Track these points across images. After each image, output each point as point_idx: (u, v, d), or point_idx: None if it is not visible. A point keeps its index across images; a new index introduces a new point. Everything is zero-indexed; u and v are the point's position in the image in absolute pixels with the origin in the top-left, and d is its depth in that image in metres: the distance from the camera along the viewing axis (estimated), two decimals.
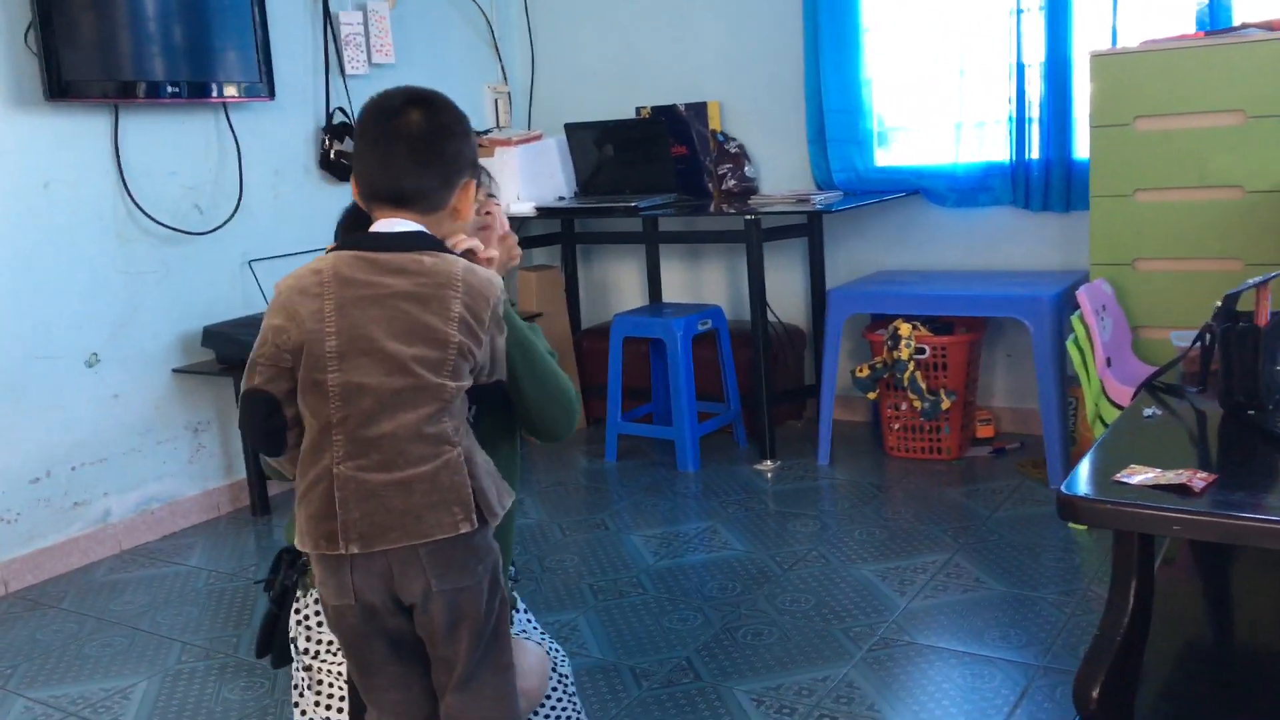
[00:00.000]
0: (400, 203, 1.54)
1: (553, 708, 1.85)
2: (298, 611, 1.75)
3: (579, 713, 1.90)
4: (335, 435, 1.45)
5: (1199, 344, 2.15)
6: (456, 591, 1.48)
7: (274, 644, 1.80)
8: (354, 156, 1.57)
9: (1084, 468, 1.82)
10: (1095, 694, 1.73)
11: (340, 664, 1.71)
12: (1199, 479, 1.66)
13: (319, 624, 1.72)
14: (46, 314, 3.22)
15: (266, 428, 1.51)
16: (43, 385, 3.22)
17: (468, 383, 1.50)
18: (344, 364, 1.45)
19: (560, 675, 1.88)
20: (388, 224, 1.54)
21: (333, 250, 1.53)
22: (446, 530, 1.44)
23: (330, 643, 1.72)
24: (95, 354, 3.34)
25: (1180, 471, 1.70)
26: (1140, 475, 1.72)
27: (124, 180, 3.37)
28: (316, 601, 1.72)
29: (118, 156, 3.35)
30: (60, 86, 3.10)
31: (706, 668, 2.44)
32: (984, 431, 3.88)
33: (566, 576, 3.01)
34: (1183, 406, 2.16)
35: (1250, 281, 2.07)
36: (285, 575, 1.77)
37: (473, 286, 1.50)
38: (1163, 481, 1.68)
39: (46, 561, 3.23)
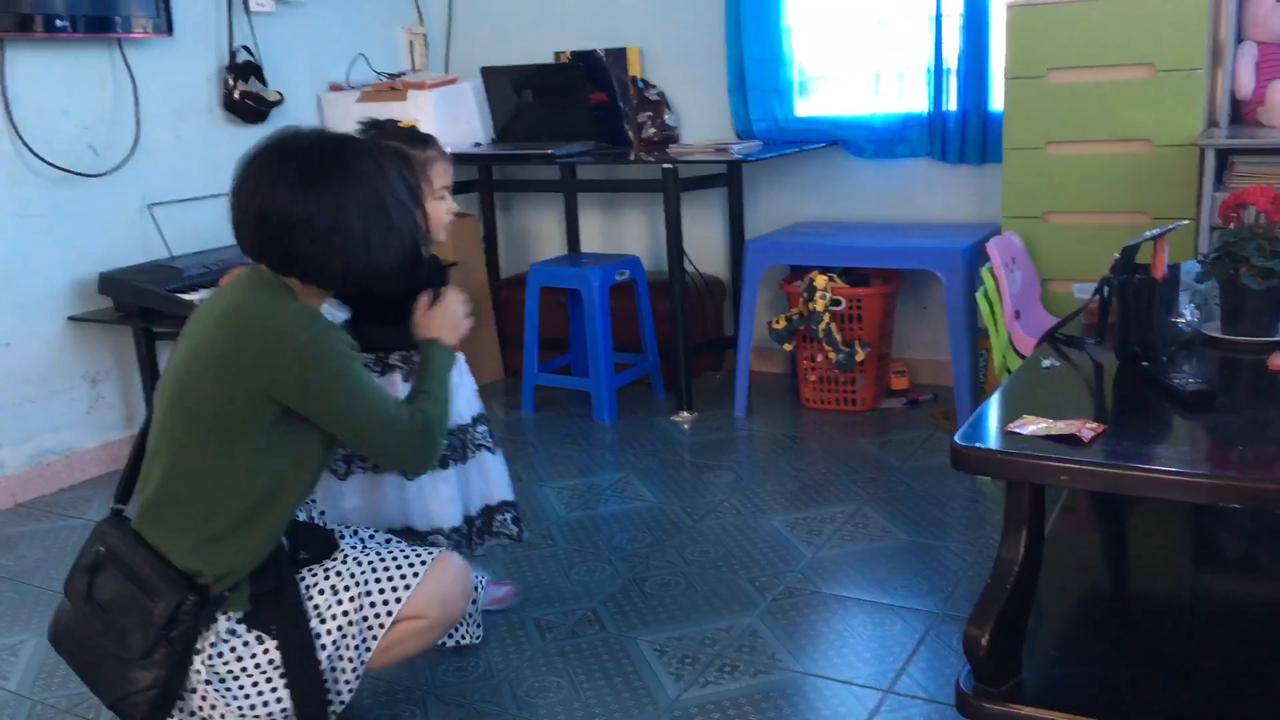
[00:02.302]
0: None
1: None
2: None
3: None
4: None
5: (1098, 296, 2.16)
6: None
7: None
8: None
9: (980, 418, 1.83)
10: (985, 641, 1.74)
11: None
12: (1088, 429, 1.67)
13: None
14: None
15: None
16: None
17: None
18: None
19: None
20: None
21: None
22: None
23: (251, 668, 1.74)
24: None
25: (1071, 422, 1.71)
26: (1032, 425, 1.73)
27: (11, 119, 3.21)
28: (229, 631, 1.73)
29: (4, 94, 3.19)
30: None
31: (612, 619, 2.43)
32: (899, 383, 3.91)
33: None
34: (1081, 358, 2.17)
35: (1148, 234, 2.08)
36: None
37: None
38: (1053, 432, 1.69)
39: None
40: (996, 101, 3.67)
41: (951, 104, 3.75)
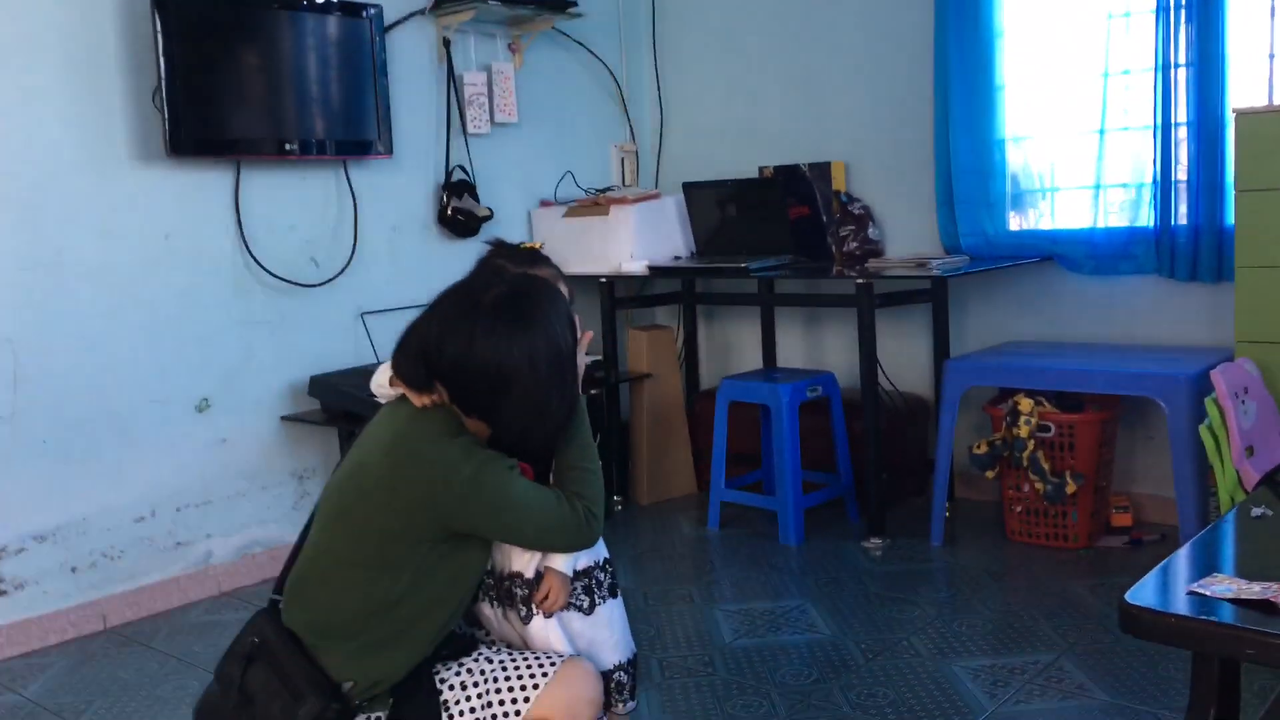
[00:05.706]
0: None
1: None
2: None
3: None
4: None
5: None
6: None
7: None
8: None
9: (1161, 573, 1.59)
10: None
11: None
12: None
13: None
14: (163, 359, 3.36)
15: None
16: (154, 428, 3.35)
17: None
18: None
19: None
20: None
21: None
22: None
23: None
24: (206, 399, 3.46)
25: (1269, 584, 1.46)
26: (1220, 585, 1.48)
27: (242, 234, 3.50)
28: None
29: (237, 211, 3.49)
30: (182, 143, 3.25)
31: None
32: (1120, 519, 3.54)
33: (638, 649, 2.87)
34: None
35: None
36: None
37: None
38: (1244, 595, 1.44)
39: (145, 599, 3.33)
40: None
41: (1181, 218, 3.44)
